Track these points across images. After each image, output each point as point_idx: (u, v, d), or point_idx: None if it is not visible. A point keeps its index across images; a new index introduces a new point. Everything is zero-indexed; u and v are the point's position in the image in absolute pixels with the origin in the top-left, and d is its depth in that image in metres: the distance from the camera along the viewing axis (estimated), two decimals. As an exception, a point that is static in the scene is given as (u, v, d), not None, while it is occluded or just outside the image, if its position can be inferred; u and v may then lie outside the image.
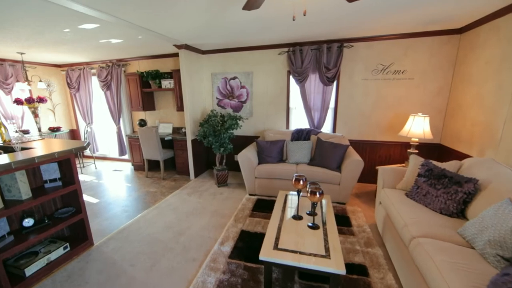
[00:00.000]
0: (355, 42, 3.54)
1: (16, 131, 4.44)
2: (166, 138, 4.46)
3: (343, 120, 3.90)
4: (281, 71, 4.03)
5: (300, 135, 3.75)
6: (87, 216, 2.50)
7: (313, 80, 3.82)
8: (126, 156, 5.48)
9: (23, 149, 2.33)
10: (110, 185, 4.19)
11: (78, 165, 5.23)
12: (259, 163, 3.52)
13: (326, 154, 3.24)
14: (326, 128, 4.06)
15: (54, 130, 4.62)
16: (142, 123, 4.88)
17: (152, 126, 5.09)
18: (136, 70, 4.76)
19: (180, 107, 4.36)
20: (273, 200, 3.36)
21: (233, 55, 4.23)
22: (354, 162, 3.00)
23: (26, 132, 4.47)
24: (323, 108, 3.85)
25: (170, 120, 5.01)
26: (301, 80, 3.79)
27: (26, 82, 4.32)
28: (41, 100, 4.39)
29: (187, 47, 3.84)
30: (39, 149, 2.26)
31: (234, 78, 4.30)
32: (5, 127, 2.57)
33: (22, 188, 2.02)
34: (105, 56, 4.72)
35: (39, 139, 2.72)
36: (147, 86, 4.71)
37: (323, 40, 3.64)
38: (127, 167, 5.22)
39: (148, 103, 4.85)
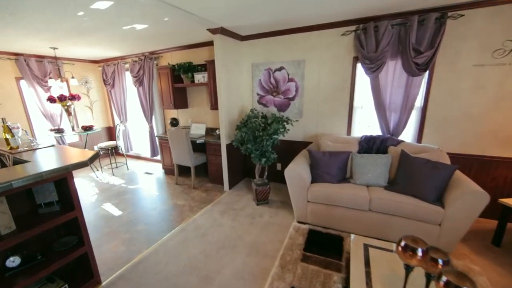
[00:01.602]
0: (466, 9, 2.36)
1: (51, 130, 4.30)
2: (198, 141, 3.83)
3: (433, 125, 2.76)
4: (344, 58, 3.02)
5: (371, 145, 2.73)
6: (92, 249, 1.93)
7: (392, 69, 2.75)
8: (158, 157, 5.08)
9: (17, 162, 1.86)
10: (137, 193, 3.74)
11: (110, 166, 4.98)
12: (312, 181, 2.64)
13: (418, 177, 2.19)
14: (406, 135, 2.95)
15: (87, 129, 4.38)
16: (174, 122, 4.35)
17: (184, 126, 4.54)
18: (168, 62, 4.22)
19: (214, 105, 3.67)
20: (332, 235, 2.45)
21: (280, 39, 3.34)
22: (472, 195, 1.91)
23: (60, 131, 4.29)
24: (405, 108, 2.75)
25: (204, 120, 4.39)
26: (374, 69, 2.75)
27: (59, 79, 4.10)
28: (73, 97, 4.14)
29: (223, 31, 3.10)
30: (34, 163, 1.75)
31: (280, 69, 3.43)
32: (11, 132, 2.16)
33: (1, 220, 1.50)
34: (137, 49, 4.28)
35: (48, 146, 2.27)
36: (179, 81, 4.14)
37: (413, 11, 2.53)
38: (159, 169, 4.80)
39: (180, 100, 4.29)
